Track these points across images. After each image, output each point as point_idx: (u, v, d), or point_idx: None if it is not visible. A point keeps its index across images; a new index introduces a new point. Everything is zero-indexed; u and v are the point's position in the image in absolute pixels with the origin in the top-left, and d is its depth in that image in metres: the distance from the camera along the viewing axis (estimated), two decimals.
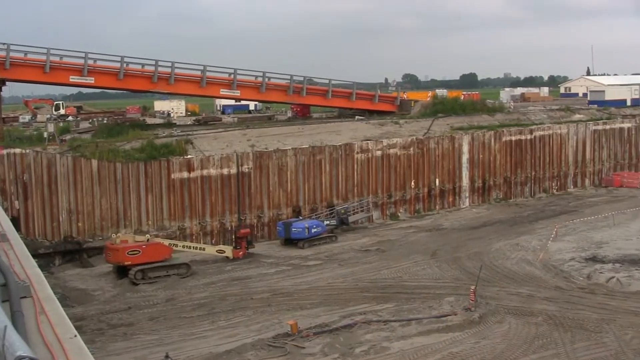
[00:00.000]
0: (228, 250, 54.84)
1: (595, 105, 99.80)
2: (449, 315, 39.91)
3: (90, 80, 67.84)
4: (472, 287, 41.84)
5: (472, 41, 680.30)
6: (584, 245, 56.91)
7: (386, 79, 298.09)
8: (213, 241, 59.42)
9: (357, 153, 68.04)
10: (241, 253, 54.68)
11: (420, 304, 42.26)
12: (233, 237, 56.95)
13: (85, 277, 51.50)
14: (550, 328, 37.92)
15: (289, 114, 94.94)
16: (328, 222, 62.20)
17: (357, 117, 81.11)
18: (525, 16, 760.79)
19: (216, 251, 55.07)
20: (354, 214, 65.88)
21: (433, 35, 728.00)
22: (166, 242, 52.39)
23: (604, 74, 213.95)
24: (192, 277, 49.89)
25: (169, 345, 36.46)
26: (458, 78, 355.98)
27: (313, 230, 59.25)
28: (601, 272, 48.75)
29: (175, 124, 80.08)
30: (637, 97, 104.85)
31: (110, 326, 39.88)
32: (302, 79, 78.79)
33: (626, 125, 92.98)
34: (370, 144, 69.15)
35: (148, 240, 50.99)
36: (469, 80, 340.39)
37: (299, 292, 45.65)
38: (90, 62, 67.33)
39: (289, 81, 77.44)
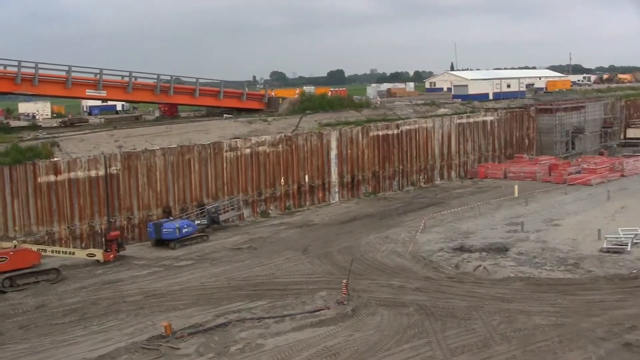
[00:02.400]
0: (98, 254, 54.02)
1: (460, 100, 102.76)
2: (322, 309, 40.47)
3: None
4: (344, 281, 42.53)
5: (339, 38, 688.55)
6: (451, 235, 58.59)
7: (254, 77, 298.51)
8: (83, 245, 58.36)
9: (226, 151, 68.04)
10: (112, 256, 53.99)
11: (294, 300, 42.72)
12: (103, 240, 56.21)
13: None
14: (422, 317, 38.96)
15: (157, 114, 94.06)
16: (199, 221, 62.02)
17: (225, 115, 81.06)
18: (391, 13, 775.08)
19: (86, 255, 54.16)
20: (224, 213, 65.84)
21: (300, 32, 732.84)
22: (34, 247, 51.16)
23: (467, 69, 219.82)
24: (62, 283, 48.86)
25: (41, 353, 35.85)
26: (325, 75, 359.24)
27: (184, 230, 58.97)
28: (469, 261, 50.42)
29: (40, 126, 78.05)
30: (498, 90, 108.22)
31: None
32: (169, 78, 78.19)
33: (489, 118, 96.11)
34: (239, 142, 69.25)
35: (15, 246, 49.64)
36: (336, 77, 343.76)
37: (172, 293, 45.47)
38: None
39: (156, 80, 76.72)
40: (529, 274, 46.97)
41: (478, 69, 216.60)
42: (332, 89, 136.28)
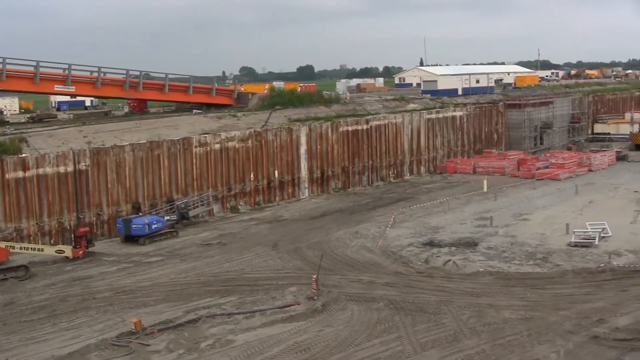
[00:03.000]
0: (67, 250, 53.73)
1: (429, 95, 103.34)
2: (292, 305, 40.63)
3: None
4: (314, 276, 42.69)
5: (308, 34, 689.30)
6: (421, 230, 58.88)
7: (224, 72, 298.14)
8: (52, 241, 58.06)
9: (196, 147, 67.89)
10: (81, 252, 53.72)
11: (264, 296, 42.84)
12: (72, 236, 55.97)
13: None
14: (392, 312, 39.20)
15: (126, 110, 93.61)
16: (168, 217, 61.86)
17: (194, 110, 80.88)
18: (360, 8, 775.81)
19: (55, 251, 53.87)
20: (194, 208, 65.74)
21: (270, 27, 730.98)
22: (2, 244, 50.77)
23: (437, 65, 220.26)
24: (31, 279, 48.55)
25: (9, 351, 35.67)
26: (295, 70, 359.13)
27: (153, 226, 58.76)
28: (438, 256, 50.74)
29: (8, 122, 77.55)
30: (467, 86, 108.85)
31: None
32: (138, 73, 77.94)
33: (458, 113, 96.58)
34: (208, 138, 69.13)
35: None
36: (306, 72, 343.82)
37: (142, 289, 45.37)
38: None
39: (125, 76, 76.43)
40: (498, 268, 47.38)
41: (447, 65, 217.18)
42: (301, 85, 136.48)
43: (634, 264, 47.26)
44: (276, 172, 74.27)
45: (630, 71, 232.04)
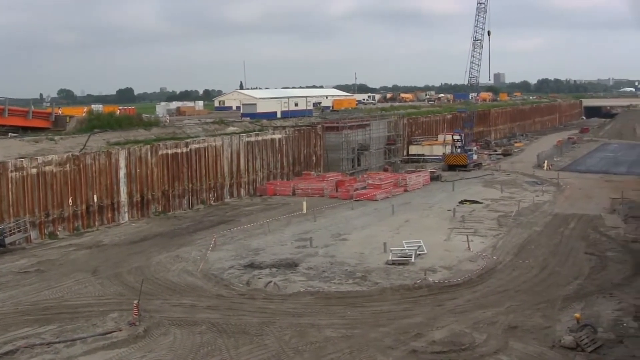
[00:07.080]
0: None
1: (248, 118, 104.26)
2: (114, 331, 40.32)
3: None
4: (135, 302, 42.55)
5: (128, 56, 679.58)
6: (242, 252, 59.50)
7: (41, 95, 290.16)
8: None
9: (12, 172, 66.03)
10: None
11: (84, 323, 42.21)
12: None
13: None
14: (215, 335, 39.53)
15: None
16: None
17: (10, 134, 78.70)
18: (179, 32, 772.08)
19: None
20: (10, 235, 63.82)
21: (89, 49, 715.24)
22: None
23: (257, 88, 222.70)
24: None
25: None
26: (115, 93, 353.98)
27: None
28: (259, 278, 51.45)
29: None
30: (287, 109, 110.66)
31: None
32: None
33: (277, 136, 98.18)
34: (24, 162, 67.38)
35: None
36: (125, 95, 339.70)
37: None
38: None
39: None
40: (319, 288, 48.57)
41: (267, 88, 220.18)
42: (120, 108, 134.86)
43: (448, 279, 49.68)
44: (95, 197, 73.17)
45: (442, 95, 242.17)
